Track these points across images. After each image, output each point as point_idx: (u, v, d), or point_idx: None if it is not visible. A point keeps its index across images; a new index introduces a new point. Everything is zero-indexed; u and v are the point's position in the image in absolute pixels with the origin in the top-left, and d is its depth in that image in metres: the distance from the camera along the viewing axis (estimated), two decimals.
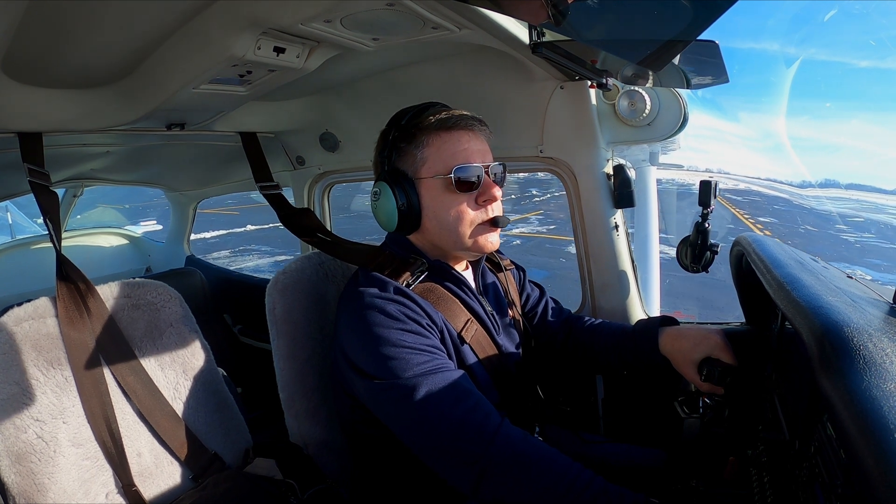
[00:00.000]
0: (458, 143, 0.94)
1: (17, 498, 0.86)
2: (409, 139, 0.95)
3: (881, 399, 0.44)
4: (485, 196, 0.95)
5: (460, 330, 0.96)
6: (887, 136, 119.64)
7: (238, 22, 0.81)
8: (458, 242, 0.97)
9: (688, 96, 1.27)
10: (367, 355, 0.86)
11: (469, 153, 0.94)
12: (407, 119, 0.96)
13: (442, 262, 1.00)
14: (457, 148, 0.94)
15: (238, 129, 1.53)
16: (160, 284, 1.14)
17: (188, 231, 2.80)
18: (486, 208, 0.96)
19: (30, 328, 0.93)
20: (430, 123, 0.94)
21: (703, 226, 1.14)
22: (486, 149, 0.98)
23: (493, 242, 0.99)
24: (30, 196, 1.14)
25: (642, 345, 1.08)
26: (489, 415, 0.81)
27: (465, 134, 0.95)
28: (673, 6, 0.67)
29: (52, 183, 1.07)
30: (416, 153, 0.95)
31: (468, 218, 0.95)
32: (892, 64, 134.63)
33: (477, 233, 0.97)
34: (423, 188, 0.95)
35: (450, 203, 0.95)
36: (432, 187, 0.94)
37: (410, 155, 0.96)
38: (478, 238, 0.97)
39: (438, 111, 0.95)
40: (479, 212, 0.96)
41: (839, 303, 0.60)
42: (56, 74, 0.98)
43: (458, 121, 0.94)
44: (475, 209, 0.95)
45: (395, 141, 0.97)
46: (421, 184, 0.95)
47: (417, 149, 0.95)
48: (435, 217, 0.96)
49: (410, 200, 0.95)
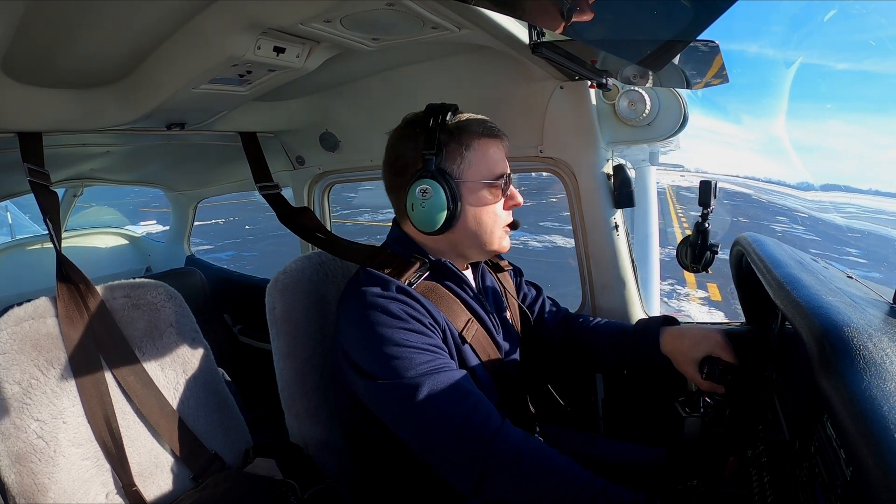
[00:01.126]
0: (499, 150, 1.00)
1: (17, 498, 0.86)
2: (457, 140, 0.95)
3: (881, 399, 0.44)
4: (513, 201, 1.01)
5: (461, 329, 0.96)
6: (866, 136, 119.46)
7: (238, 22, 0.81)
8: (487, 243, 1.01)
9: (687, 96, 1.27)
10: (370, 354, 0.86)
11: (504, 161, 1.01)
12: (450, 119, 0.96)
13: (444, 260, 1.00)
14: (498, 156, 0.99)
15: (238, 129, 1.53)
16: (160, 284, 1.14)
17: (188, 231, 2.80)
18: (509, 213, 1.02)
19: (30, 328, 0.93)
20: (474, 127, 0.97)
21: (703, 226, 1.14)
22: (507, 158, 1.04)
23: (508, 244, 1.04)
24: (30, 196, 1.14)
25: (643, 344, 1.08)
26: (490, 415, 0.82)
27: (500, 142, 1.01)
28: (673, 6, 0.67)
29: (52, 183, 1.06)
30: (463, 154, 0.95)
31: (501, 221, 1.01)
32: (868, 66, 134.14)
33: (503, 236, 1.02)
34: (465, 190, 0.96)
35: (490, 206, 0.99)
36: (475, 190, 0.97)
37: (458, 155, 0.95)
38: (502, 241, 1.02)
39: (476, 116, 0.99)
40: (506, 216, 1.02)
41: (839, 303, 0.60)
42: (56, 74, 0.98)
43: (494, 129, 0.99)
44: (505, 214, 1.02)
45: (443, 142, 0.94)
46: (464, 186, 0.96)
47: (466, 150, 0.96)
48: (475, 218, 0.98)
49: (455, 199, 0.95)
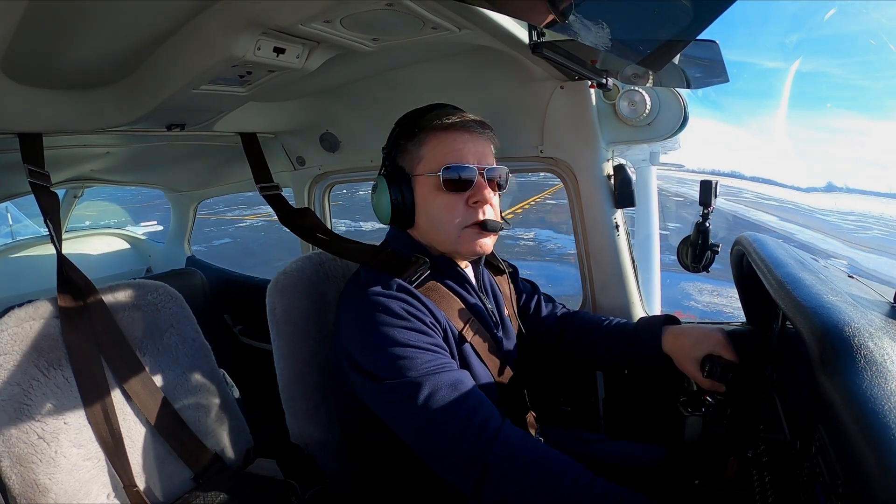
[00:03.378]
0: (454, 142, 0.95)
1: (18, 498, 0.86)
2: (409, 136, 0.97)
3: (881, 399, 0.44)
4: (475, 197, 0.95)
5: (461, 329, 0.96)
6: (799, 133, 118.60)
7: (238, 22, 0.81)
8: (444, 242, 0.98)
9: (688, 96, 1.27)
10: (370, 354, 0.86)
11: (463, 153, 0.94)
12: (411, 118, 0.98)
13: (446, 258, 1.00)
14: (451, 147, 0.94)
15: (238, 130, 1.53)
16: (160, 285, 1.14)
17: (189, 231, 2.80)
18: (475, 210, 0.95)
19: (31, 329, 0.93)
20: (429, 123, 0.95)
21: (703, 225, 1.14)
22: (485, 151, 0.98)
23: (483, 246, 0.98)
24: (30, 197, 1.14)
25: (645, 343, 1.08)
26: (490, 416, 0.81)
27: (462, 134, 0.95)
28: (673, 6, 0.67)
29: (53, 184, 1.06)
30: (413, 151, 0.97)
31: (455, 218, 0.95)
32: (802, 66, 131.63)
33: (465, 235, 0.96)
34: (417, 185, 0.97)
35: (439, 202, 0.95)
36: (425, 185, 0.96)
37: (409, 152, 0.97)
38: (465, 240, 0.96)
39: (445, 112, 0.96)
40: (469, 213, 0.95)
41: (839, 302, 0.60)
42: (56, 75, 0.98)
43: (456, 121, 0.94)
44: (465, 210, 0.95)
45: (397, 138, 0.99)
46: (416, 181, 0.97)
47: (416, 147, 0.96)
48: (426, 214, 0.97)
49: (405, 196, 0.97)
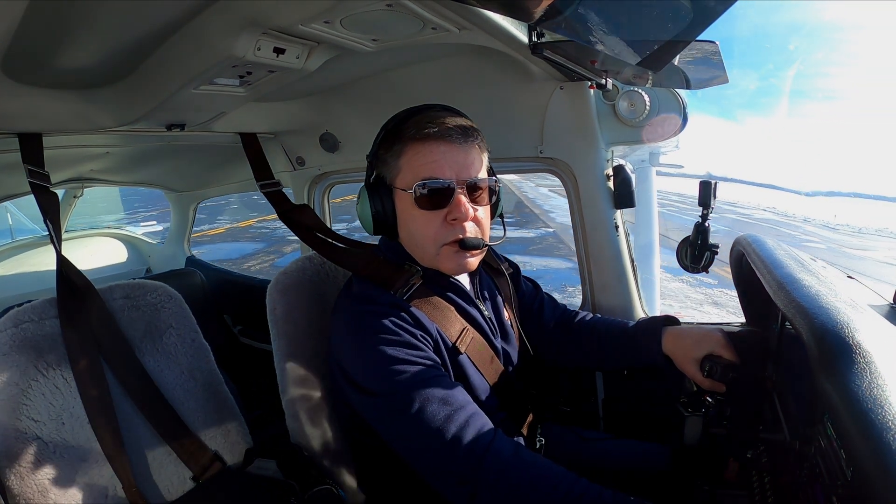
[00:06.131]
0: (430, 154, 0.87)
1: (17, 499, 0.86)
2: (388, 147, 0.91)
3: (881, 399, 0.44)
4: (453, 214, 0.87)
5: (455, 339, 0.93)
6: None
7: (238, 22, 0.81)
8: (426, 259, 0.93)
9: (687, 96, 1.27)
10: (361, 369, 0.85)
11: (437, 167, 0.86)
12: (393, 123, 0.92)
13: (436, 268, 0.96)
14: (426, 160, 0.87)
15: (238, 130, 1.53)
16: (160, 285, 1.14)
17: (188, 232, 2.80)
18: (454, 227, 0.88)
19: (30, 329, 0.93)
20: (406, 133, 0.88)
21: (703, 226, 1.14)
22: (467, 162, 0.89)
23: (464, 265, 0.91)
24: (30, 197, 1.14)
25: (645, 343, 1.07)
26: (481, 430, 0.79)
27: (439, 146, 0.87)
28: (673, 6, 0.67)
29: (53, 184, 1.06)
30: (392, 162, 0.91)
31: (431, 237, 0.89)
32: None
33: (444, 253, 0.90)
34: (397, 198, 0.92)
35: (416, 218, 0.89)
36: (404, 199, 0.90)
37: (388, 163, 0.92)
38: (444, 259, 0.91)
39: (424, 119, 0.88)
40: (447, 231, 0.88)
41: (839, 303, 0.60)
42: (56, 75, 0.98)
43: (433, 131, 0.86)
44: (443, 227, 0.88)
45: (378, 147, 0.94)
46: (396, 193, 0.92)
47: (394, 158, 0.90)
48: (406, 229, 0.93)
49: (386, 209, 0.92)
